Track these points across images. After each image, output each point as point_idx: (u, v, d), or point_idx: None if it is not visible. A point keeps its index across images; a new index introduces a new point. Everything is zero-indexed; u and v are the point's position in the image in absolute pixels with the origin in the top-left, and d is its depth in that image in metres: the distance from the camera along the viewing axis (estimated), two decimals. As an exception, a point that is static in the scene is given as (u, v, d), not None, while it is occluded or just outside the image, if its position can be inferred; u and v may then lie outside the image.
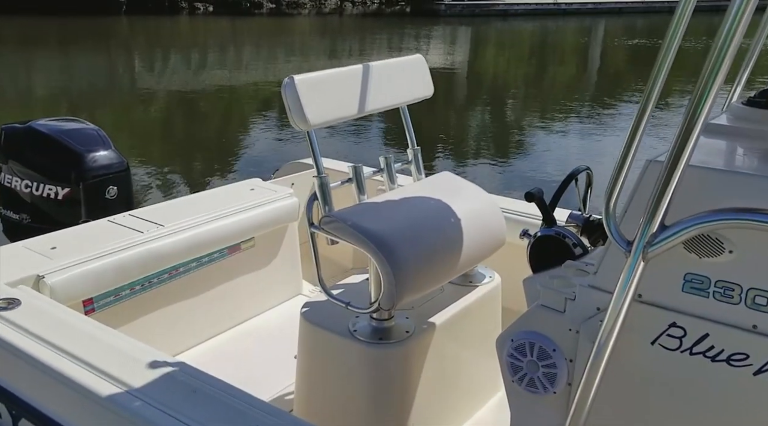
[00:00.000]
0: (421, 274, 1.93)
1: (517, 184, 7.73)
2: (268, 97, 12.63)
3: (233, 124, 10.33)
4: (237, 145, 9.12)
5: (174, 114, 11.27)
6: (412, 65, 2.38)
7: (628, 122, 11.20)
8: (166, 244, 2.57)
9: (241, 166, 8.07)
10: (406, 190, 2.21)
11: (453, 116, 11.67)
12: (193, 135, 9.61)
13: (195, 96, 12.46)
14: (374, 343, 1.97)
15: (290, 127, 9.22)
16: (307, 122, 1.98)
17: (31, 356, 1.80)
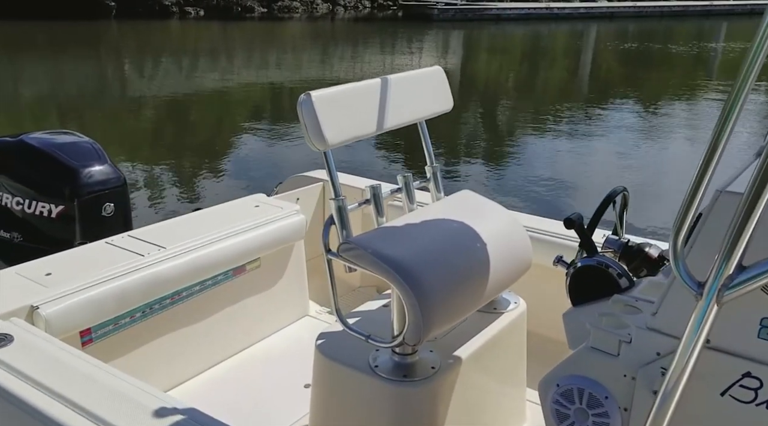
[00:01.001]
0: (448, 305, 1.79)
1: (508, 189, 7.60)
2: (264, 104, 12.48)
3: (230, 133, 10.16)
4: (235, 155, 8.95)
5: (167, 122, 11.10)
6: (431, 78, 2.25)
7: (620, 125, 11.13)
8: (168, 268, 2.42)
9: (239, 177, 7.89)
10: (427, 211, 2.07)
11: (444, 120, 11.55)
12: (188, 144, 9.44)
13: (188, 103, 12.29)
14: (398, 381, 1.83)
15: (289, 136, 9.02)
16: (326, 142, 1.84)
17: (24, 402, 1.65)
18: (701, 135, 10.52)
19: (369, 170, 7.97)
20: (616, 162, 8.96)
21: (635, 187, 7.72)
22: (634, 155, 9.27)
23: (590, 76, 18.15)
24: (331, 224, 1.96)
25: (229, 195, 7.10)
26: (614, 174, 8.39)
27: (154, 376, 2.50)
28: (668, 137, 10.38)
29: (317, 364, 2.01)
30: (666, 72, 18.35)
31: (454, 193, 2.26)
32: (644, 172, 8.44)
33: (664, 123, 11.33)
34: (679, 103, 13.22)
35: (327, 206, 3.50)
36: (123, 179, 3.17)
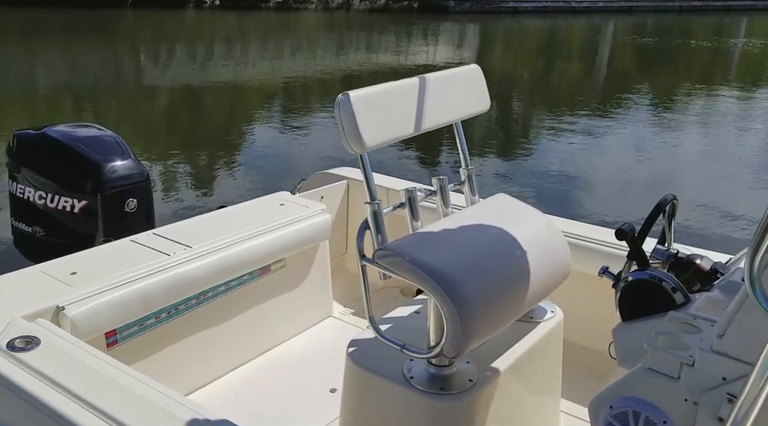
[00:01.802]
0: (488, 316, 1.73)
1: (520, 184, 7.50)
2: (282, 97, 12.41)
3: (248, 126, 10.09)
4: (254, 148, 8.85)
5: (182, 113, 11.06)
6: (468, 76, 2.17)
7: (641, 120, 10.99)
8: (194, 268, 2.37)
9: (259, 172, 7.76)
10: (463, 216, 2.00)
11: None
12: (205, 137, 9.37)
13: (203, 94, 12.25)
14: (435, 394, 1.76)
15: (307, 129, 8.94)
16: (363, 144, 1.77)
17: (51, 408, 1.60)
18: (723, 132, 10.37)
19: (395, 171, 7.89)
20: (638, 160, 8.84)
21: (657, 187, 7.61)
22: (655, 154, 9.14)
23: (608, 70, 17.98)
24: (365, 229, 1.89)
25: (249, 190, 7.04)
26: (637, 172, 8.28)
27: (178, 379, 2.45)
28: (689, 133, 10.24)
29: (348, 372, 1.95)
30: (685, 68, 18.16)
31: (489, 197, 2.19)
32: (671, 173, 8.32)
33: (682, 120, 11.18)
34: (699, 100, 13.05)
35: (351, 205, 3.43)
36: (146, 174, 3.12)
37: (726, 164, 8.71)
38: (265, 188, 7.08)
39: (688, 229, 6.15)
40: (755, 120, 11.34)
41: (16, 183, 3.11)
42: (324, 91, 12.73)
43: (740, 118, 11.48)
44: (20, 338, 1.82)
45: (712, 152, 9.35)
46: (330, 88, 12.91)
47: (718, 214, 6.66)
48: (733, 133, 10.42)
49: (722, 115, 11.70)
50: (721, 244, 5.70)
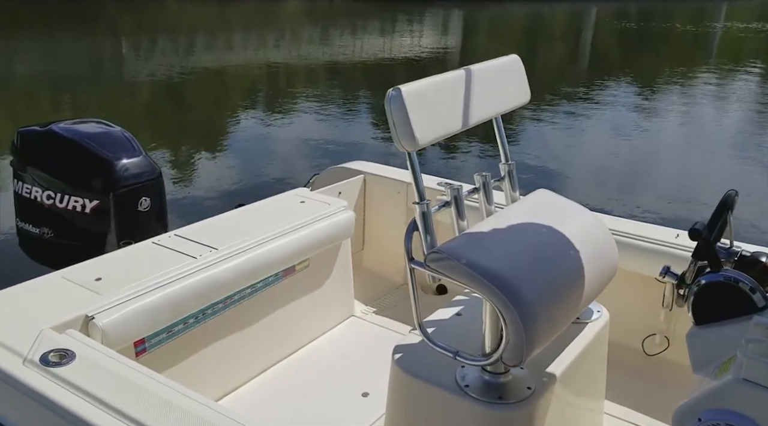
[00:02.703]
0: (549, 320, 1.65)
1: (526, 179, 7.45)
2: (275, 87, 12.25)
3: (242, 118, 9.92)
4: (252, 140, 8.67)
5: (171, 105, 10.87)
6: (509, 67, 2.09)
7: (620, 104, 10.96)
8: (222, 271, 2.27)
9: (262, 165, 7.55)
10: (510, 214, 1.91)
11: None
12: (197, 129, 9.19)
13: (192, 85, 12.05)
14: (494, 404, 1.68)
15: (304, 120, 8.74)
16: (416, 142, 1.68)
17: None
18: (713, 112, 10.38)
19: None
20: (623, 146, 8.81)
21: (648, 172, 7.59)
22: (639, 139, 9.12)
23: (591, 55, 17.96)
24: (413, 230, 1.81)
25: (256, 186, 6.86)
26: (626, 158, 8.25)
27: (207, 386, 2.36)
28: (674, 116, 10.23)
29: (396, 380, 1.87)
30: (669, 51, 18.20)
31: (531, 193, 2.11)
32: (659, 158, 8.30)
33: (667, 102, 11.18)
34: (681, 82, 13.05)
35: (368, 200, 3.34)
36: (158, 171, 3.01)
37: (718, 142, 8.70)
38: (272, 183, 6.93)
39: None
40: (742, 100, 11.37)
41: (22, 182, 2.99)
42: (319, 79, 12.58)
43: (724, 99, 11.50)
44: (54, 352, 1.72)
45: (698, 132, 9.36)
46: (326, 75, 12.77)
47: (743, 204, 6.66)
48: (730, 113, 10.44)
49: (708, 96, 11.71)
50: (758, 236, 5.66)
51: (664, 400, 2.46)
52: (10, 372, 1.65)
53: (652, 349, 2.65)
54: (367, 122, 9.62)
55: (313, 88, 11.77)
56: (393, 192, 3.23)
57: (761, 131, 9.60)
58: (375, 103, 10.95)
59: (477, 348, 1.89)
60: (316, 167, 7.40)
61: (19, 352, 1.72)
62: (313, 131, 8.93)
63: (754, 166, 7.89)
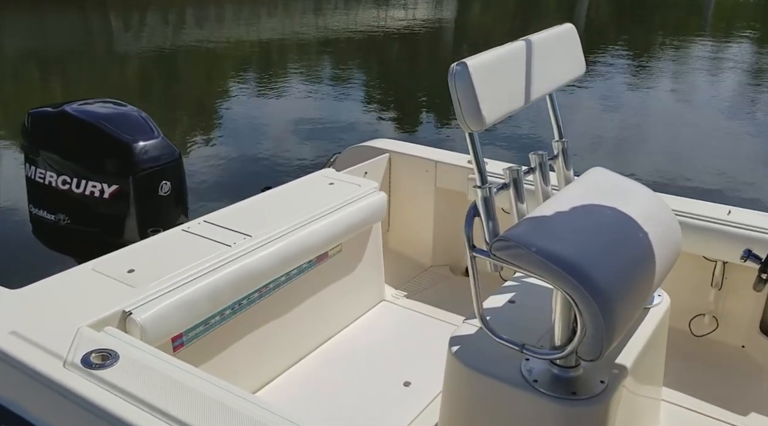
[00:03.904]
0: (626, 311, 1.55)
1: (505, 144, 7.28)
2: (275, 61, 12.02)
3: (245, 93, 9.72)
4: (260, 117, 8.46)
5: (169, 80, 10.65)
6: (565, 38, 1.96)
7: (617, 71, 10.82)
8: (258, 260, 2.16)
9: (277, 142, 7.34)
10: (570, 196, 1.80)
11: (438, 74, 11.09)
12: (199, 106, 8.99)
13: (191, 60, 11.81)
14: (567, 400, 1.59)
15: (306, 95, 8.50)
16: (482, 121, 1.55)
17: None
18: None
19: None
20: (614, 112, 8.70)
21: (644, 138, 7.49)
22: (638, 106, 9.00)
23: (587, 23, 17.76)
24: (474, 216, 1.69)
25: (271, 164, 6.67)
26: (617, 124, 8.14)
27: (244, 378, 2.26)
28: (672, 82, 10.12)
29: (455, 374, 1.77)
30: (663, 19, 18.02)
31: (587, 172, 1.99)
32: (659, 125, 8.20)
33: (664, 69, 11.05)
34: (678, 49, 12.90)
35: (393, 180, 3.23)
36: (178, 153, 2.87)
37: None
38: (288, 161, 6.72)
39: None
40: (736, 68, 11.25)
41: (35, 167, 2.85)
42: (311, 52, 12.35)
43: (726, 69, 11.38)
44: (95, 352, 1.61)
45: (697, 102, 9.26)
46: (318, 49, 12.55)
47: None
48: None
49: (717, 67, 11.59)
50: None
51: (714, 382, 2.39)
52: (51, 376, 1.54)
53: (699, 330, 2.57)
54: (370, 99, 9.44)
55: (308, 63, 11.56)
56: (421, 171, 3.11)
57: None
58: (377, 78, 10.78)
59: (537, 337, 1.80)
60: (328, 144, 7.22)
61: (59, 353, 1.61)
62: (320, 109, 8.73)
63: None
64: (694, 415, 2.24)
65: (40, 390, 1.56)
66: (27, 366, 1.58)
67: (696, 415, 2.24)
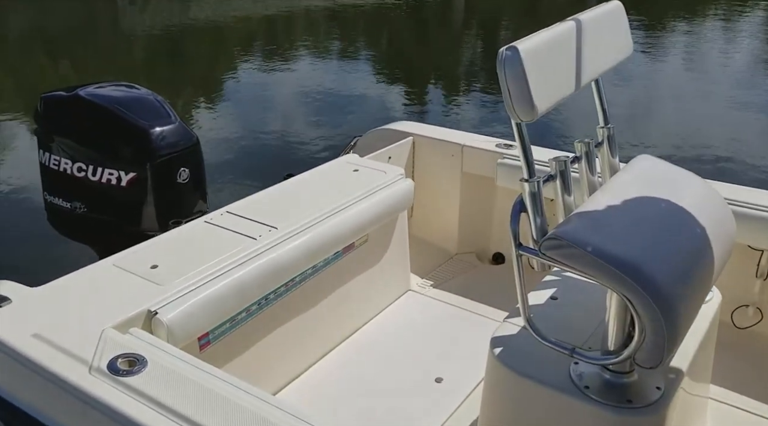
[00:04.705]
0: (687, 315, 1.45)
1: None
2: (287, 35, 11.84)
3: (252, 71, 9.57)
4: (272, 96, 8.27)
5: (177, 60, 10.51)
6: (612, 17, 1.83)
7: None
8: (285, 253, 2.07)
9: (293, 125, 7.11)
10: (619, 187, 1.69)
11: (449, 48, 10.87)
12: (209, 86, 8.83)
13: (197, 38, 11.64)
14: (623, 408, 1.50)
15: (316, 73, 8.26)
16: (534, 110, 1.44)
17: None
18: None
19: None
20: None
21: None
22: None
23: None
24: (520, 212, 1.59)
25: (289, 148, 6.49)
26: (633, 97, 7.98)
27: (271, 375, 2.19)
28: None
29: (497, 377, 1.68)
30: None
31: (633, 160, 1.88)
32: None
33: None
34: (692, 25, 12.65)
35: (417, 164, 3.12)
36: (196, 138, 2.77)
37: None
38: (307, 145, 6.52)
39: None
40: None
41: (49, 153, 2.75)
42: (319, 29, 12.17)
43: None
44: (122, 358, 1.53)
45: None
46: (326, 24, 12.36)
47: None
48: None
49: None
50: None
51: (758, 376, 2.30)
52: (77, 384, 1.46)
53: (743, 322, 2.47)
54: (386, 76, 9.26)
55: (320, 39, 11.38)
56: (446, 155, 3.01)
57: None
58: (392, 53, 10.60)
59: (584, 339, 1.70)
60: (346, 124, 7.06)
61: (84, 358, 1.53)
62: (335, 87, 8.53)
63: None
64: (738, 412, 2.15)
65: (64, 397, 1.48)
66: (51, 372, 1.50)
67: (740, 412, 2.15)
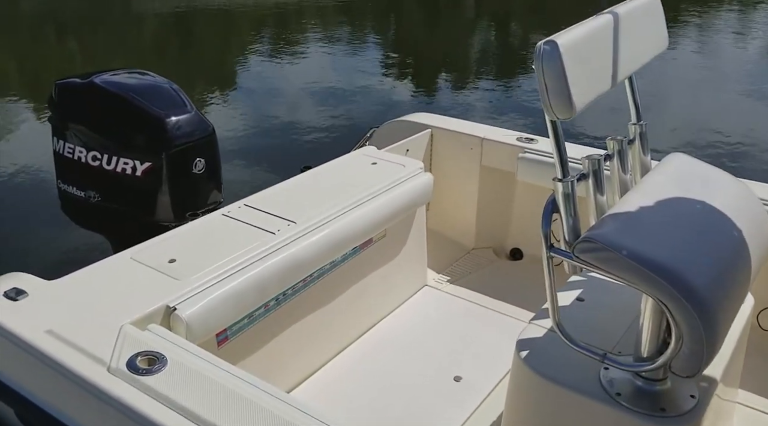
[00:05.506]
0: (726, 321, 1.41)
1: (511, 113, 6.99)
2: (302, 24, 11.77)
3: (263, 59, 9.50)
4: (285, 86, 8.16)
5: (186, 45, 10.45)
6: (648, 10, 1.78)
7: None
8: (305, 248, 2.03)
9: (307, 115, 6.97)
10: (653, 187, 1.63)
11: (457, 35, 10.74)
12: (220, 73, 8.75)
13: (205, 24, 11.57)
14: (657, 417, 1.45)
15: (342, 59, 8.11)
16: (572, 108, 1.39)
17: None
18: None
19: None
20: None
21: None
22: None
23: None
24: (552, 212, 1.54)
25: (304, 139, 6.38)
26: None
27: (288, 371, 2.16)
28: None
29: (524, 381, 1.64)
30: None
31: (666, 158, 1.82)
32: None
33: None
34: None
35: (434, 157, 3.07)
36: (212, 128, 2.72)
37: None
38: (321, 136, 6.42)
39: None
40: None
41: (63, 141, 2.71)
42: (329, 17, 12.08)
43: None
44: (141, 356, 1.49)
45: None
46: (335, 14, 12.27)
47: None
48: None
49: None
50: None
51: None
52: (95, 382, 1.43)
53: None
54: (400, 64, 9.18)
55: (332, 26, 11.29)
56: (465, 148, 2.96)
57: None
58: (407, 40, 10.51)
59: (613, 343, 1.66)
60: (360, 113, 6.97)
61: (101, 356, 1.49)
62: (348, 76, 8.41)
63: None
64: (765, 417, 2.11)
65: (82, 395, 1.45)
66: (69, 369, 1.47)
67: (766, 417, 2.11)
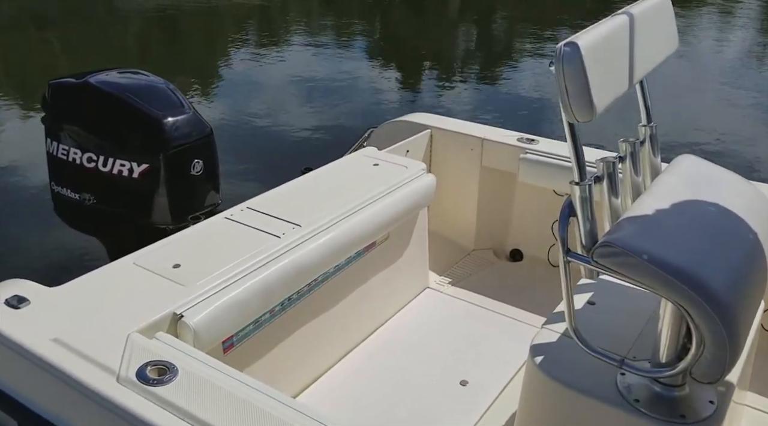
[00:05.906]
0: (746, 327, 1.39)
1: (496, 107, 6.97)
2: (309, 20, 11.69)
3: (248, 55, 9.42)
4: (279, 83, 8.05)
5: (175, 42, 10.34)
6: (658, 10, 1.76)
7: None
8: (310, 252, 1.99)
9: (303, 113, 6.83)
10: (666, 189, 1.62)
11: (445, 31, 10.72)
12: (213, 71, 8.66)
13: (194, 20, 11.46)
14: (677, 424, 1.44)
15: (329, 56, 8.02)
16: (592, 110, 1.37)
17: None
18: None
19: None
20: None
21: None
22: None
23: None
24: (569, 216, 1.52)
25: (301, 139, 6.26)
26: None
27: (293, 376, 2.12)
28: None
29: (539, 387, 1.62)
30: None
31: (676, 160, 1.81)
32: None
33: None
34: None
35: (434, 157, 3.04)
36: (210, 129, 2.68)
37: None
38: (320, 136, 6.30)
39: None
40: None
41: (57, 142, 2.66)
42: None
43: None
44: (151, 365, 1.45)
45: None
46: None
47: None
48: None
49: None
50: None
51: None
52: (105, 393, 1.38)
53: None
54: (394, 62, 9.12)
55: (329, 22, 11.23)
56: (465, 149, 2.93)
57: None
58: (401, 37, 10.47)
59: (627, 347, 1.64)
60: (355, 110, 6.89)
61: (110, 366, 1.45)
62: (344, 72, 8.32)
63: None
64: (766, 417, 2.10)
65: (91, 407, 1.41)
66: (76, 379, 1.42)
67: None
